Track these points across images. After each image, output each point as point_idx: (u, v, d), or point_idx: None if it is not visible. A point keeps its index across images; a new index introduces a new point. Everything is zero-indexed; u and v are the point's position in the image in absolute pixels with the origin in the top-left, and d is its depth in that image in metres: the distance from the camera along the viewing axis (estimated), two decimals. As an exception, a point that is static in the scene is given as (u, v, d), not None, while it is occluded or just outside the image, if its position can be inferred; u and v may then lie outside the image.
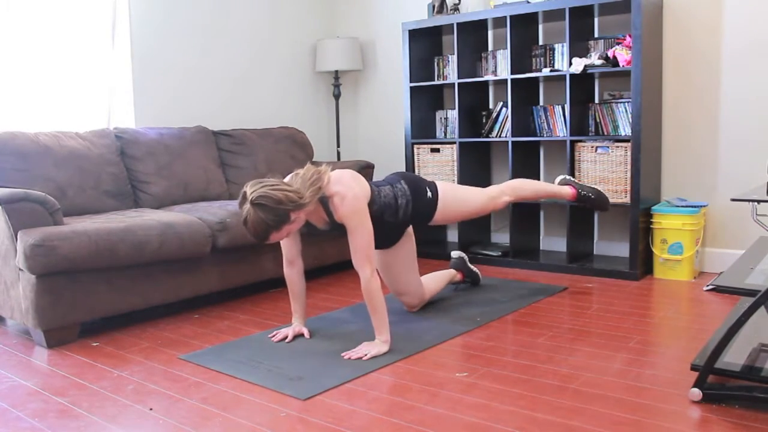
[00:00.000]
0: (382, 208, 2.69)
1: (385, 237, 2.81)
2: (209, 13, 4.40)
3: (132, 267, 2.95)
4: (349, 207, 2.48)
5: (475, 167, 4.40)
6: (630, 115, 3.64)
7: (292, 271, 2.79)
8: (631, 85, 3.57)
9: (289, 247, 2.77)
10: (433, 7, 4.40)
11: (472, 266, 3.51)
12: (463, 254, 3.53)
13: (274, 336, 2.73)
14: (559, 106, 4.02)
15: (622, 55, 3.58)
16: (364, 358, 2.43)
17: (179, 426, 1.96)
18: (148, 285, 3.02)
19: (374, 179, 5.08)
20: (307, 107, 5.09)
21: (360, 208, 2.51)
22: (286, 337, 2.70)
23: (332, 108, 5.28)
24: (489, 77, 4.10)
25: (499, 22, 4.11)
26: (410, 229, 2.97)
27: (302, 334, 2.73)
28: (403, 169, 4.93)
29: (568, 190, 3.21)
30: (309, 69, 5.08)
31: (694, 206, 3.58)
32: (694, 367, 2.07)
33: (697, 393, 1.99)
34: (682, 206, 3.59)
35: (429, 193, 2.84)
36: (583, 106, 3.92)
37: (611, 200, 3.67)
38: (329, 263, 3.93)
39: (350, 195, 2.48)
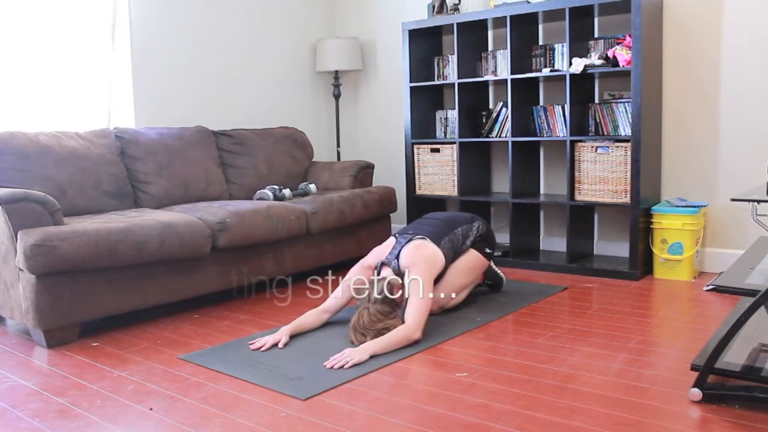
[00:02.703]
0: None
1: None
2: (209, 13, 4.40)
3: (132, 267, 2.95)
4: (417, 270, 2.74)
5: (475, 167, 4.41)
6: (630, 115, 3.64)
7: (320, 317, 2.85)
8: (631, 85, 3.57)
9: (337, 299, 2.86)
10: (433, 7, 4.40)
11: (497, 269, 3.44)
12: None
13: (252, 344, 2.65)
14: (559, 106, 4.02)
15: (622, 55, 3.58)
16: (346, 367, 2.37)
17: (179, 426, 1.96)
18: (148, 285, 3.02)
19: (373, 179, 5.10)
20: (307, 107, 5.09)
21: (426, 275, 2.75)
22: (263, 346, 2.62)
23: (332, 108, 5.28)
24: (489, 77, 4.10)
25: (499, 22, 4.11)
26: (471, 253, 3.11)
27: (277, 344, 2.64)
28: (403, 169, 4.93)
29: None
30: (309, 69, 5.08)
31: (694, 206, 3.58)
32: (694, 367, 2.07)
33: (697, 393, 1.99)
34: (682, 206, 3.59)
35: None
36: (583, 106, 3.92)
37: (611, 200, 3.68)
38: (329, 263, 3.93)
39: (418, 265, 2.77)
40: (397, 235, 2.99)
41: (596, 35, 4.00)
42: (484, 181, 4.50)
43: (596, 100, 4.02)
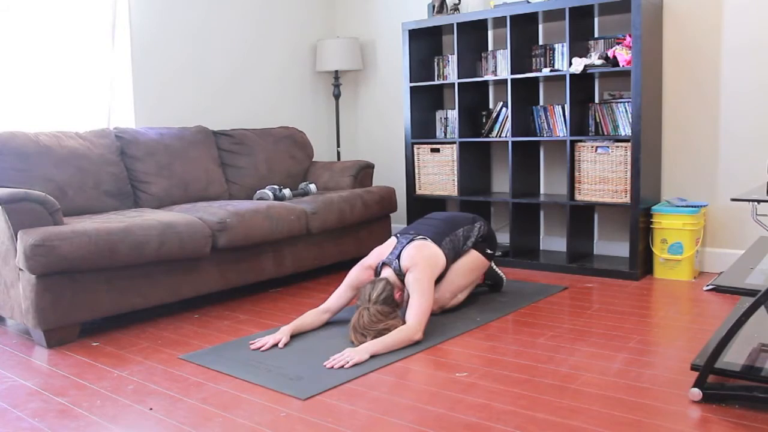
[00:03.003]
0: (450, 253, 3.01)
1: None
2: (209, 13, 4.40)
3: (132, 267, 2.95)
4: (417, 273, 2.74)
5: (475, 167, 4.41)
6: (630, 115, 3.64)
7: (320, 317, 2.86)
8: (631, 85, 3.57)
9: (338, 298, 2.86)
10: (433, 7, 4.40)
11: (497, 269, 3.43)
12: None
13: (253, 344, 2.65)
14: (559, 106, 4.02)
15: (622, 55, 3.58)
16: (346, 366, 2.38)
17: (179, 426, 1.96)
18: (148, 285, 3.02)
19: (373, 179, 5.10)
20: (307, 107, 5.09)
21: (427, 275, 2.75)
22: (263, 346, 2.62)
23: (332, 108, 5.28)
24: (489, 77, 4.10)
25: (499, 22, 4.11)
26: (472, 254, 3.11)
27: (277, 344, 2.64)
28: (403, 169, 4.94)
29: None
30: (309, 69, 5.08)
31: (694, 206, 3.58)
32: (694, 367, 2.07)
33: (697, 393, 1.99)
34: (682, 206, 3.59)
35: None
36: (583, 106, 3.92)
37: (611, 200, 3.68)
38: (329, 263, 3.93)
39: (419, 265, 2.77)
40: (398, 235, 2.99)
41: (596, 35, 4.00)
42: (484, 181, 4.51)
43: (596, 100, 4.02)
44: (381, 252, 2.93)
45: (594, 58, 3.70)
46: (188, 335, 2.87)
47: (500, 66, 4.27)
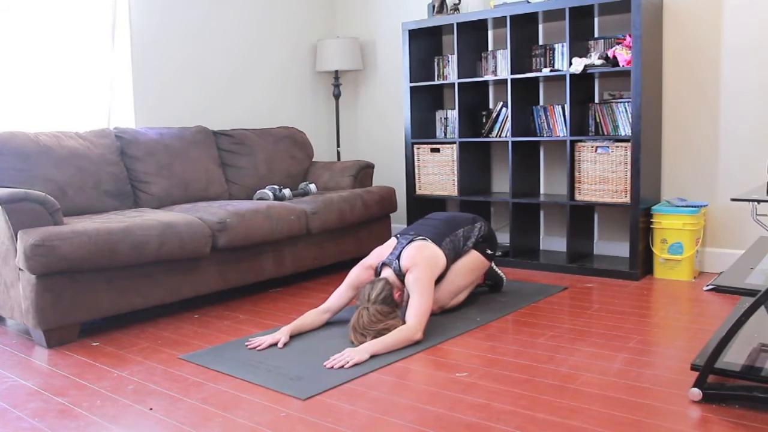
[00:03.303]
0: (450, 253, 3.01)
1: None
2: (209, 13, 4.40)
3: (132, 267, 2.95)
4: (417, 272, 2.74)
5: (475, 167, 4.41)
6: (630, 115, 3.64)
7: (320, 317, 2.85)
8: (631, 85, 3.57)
9: (338, 298, 2.86)
10: (433, 7, 4.40)
11: (497, 269, 3.43)
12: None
13: (250, 343, 2.65)
14: (559, 106, 4.02)
15: (622, 55, 3.58)
16: (346, 366, 2.38)
17: (179, 426, 1.96)
18: (148, 285, 3.02)
19: (373, 179, 5.10)
20: (306, 107, 5.09)
21: (427, 275, 2.75)
22: (260, 345, 2.62)
23: (332, 108, 5.28)
24: (489, 77, 4.10)
25: (499, 22, 4.11)
26: (472, 254, 3.10)
27: (275, 343, 2.65)
28: (403, 169, 4.94)
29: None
30: (309, 69, 5.08)
31: (694, 206, 3.58)
32: (694, 367, 2.07)
33: (697, 393, 1.99)
34: (682, 206, 3.59)
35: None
36: (583, 106, 3.92)
37: (611, 200, 3.68)
38: (329, 263, 3.93)
39: (418, 265, 2.77)
40: (398, 235, 2.99)
41: (596, 35, 4.00)
42: (484, 181, 4.51)
43: (596, 100, 4.02)
44: (381, 252, 2.93)
45: (594, 58, 3.70)
46: (188, 335, 2.87)
47: (500, 66, 4.27)
